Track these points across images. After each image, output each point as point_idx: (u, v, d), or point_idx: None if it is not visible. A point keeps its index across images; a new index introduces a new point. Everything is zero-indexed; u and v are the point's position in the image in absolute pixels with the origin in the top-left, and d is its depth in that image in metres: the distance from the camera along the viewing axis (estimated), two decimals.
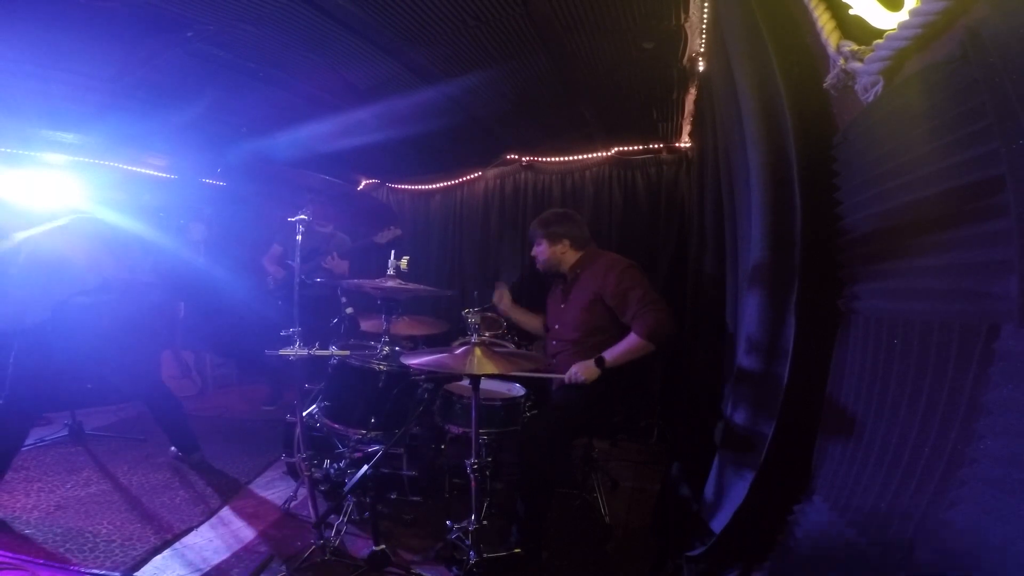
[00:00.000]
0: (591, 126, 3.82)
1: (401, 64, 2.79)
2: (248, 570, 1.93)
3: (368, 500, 2.06)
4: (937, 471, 0.92)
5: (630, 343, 2.18)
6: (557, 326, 2.50)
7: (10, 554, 1.90)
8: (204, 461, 2.90)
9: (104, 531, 2.13)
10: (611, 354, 2.16)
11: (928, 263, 1.01)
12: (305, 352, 2.00)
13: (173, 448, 2.92)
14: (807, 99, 1.36)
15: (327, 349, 2.10)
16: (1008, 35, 0.73)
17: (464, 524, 1.88)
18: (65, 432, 3.18)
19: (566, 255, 2.47)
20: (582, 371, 2.13)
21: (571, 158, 4.41)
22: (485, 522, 1.90)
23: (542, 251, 2.49)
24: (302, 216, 2.09)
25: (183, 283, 4.50)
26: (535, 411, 2.31)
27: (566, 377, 2.15)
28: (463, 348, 1.82)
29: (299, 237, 2.15)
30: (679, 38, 2.45)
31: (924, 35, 0.87)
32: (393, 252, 2.27)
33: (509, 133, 4.05)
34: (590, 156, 4.34)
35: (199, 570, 1.93)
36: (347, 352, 2.19)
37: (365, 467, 1.99)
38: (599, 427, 2.55)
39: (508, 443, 2.27)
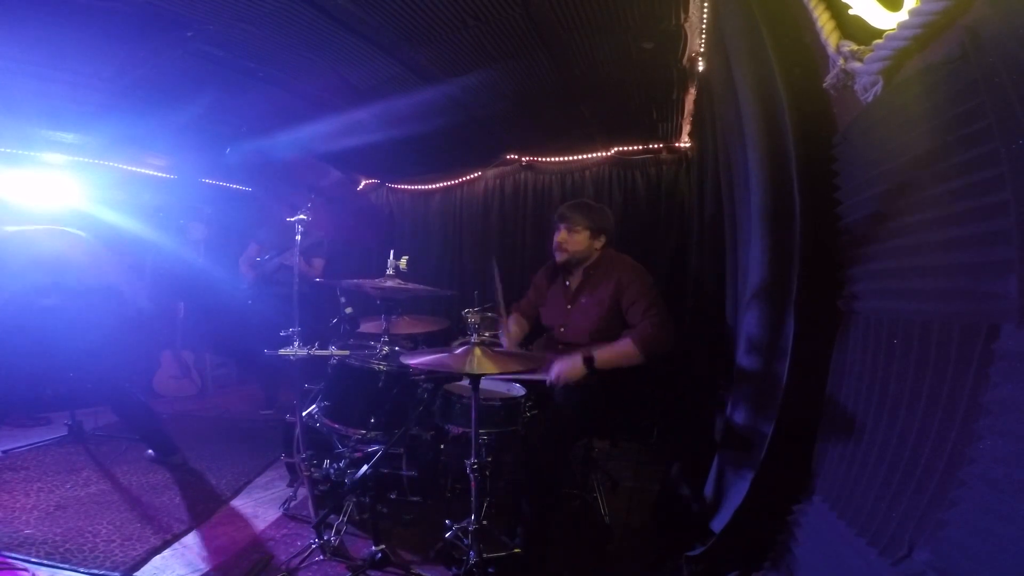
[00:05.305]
0: (591, 126, 3.82)
1: (401, 64, 2.78)
2: (248, 570, 1.92)
3: (368, 500, 2.06)
4: (937, 471, 0.92)
5: (619, 347, 2.10)
6: (563, 328, 2.40)
7: (10, 554, 1.90)
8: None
9: (104, 531, 2.12)
10: (601, 355, 2.07)
11: (928, 263, 1.01)
12: (305, 352, 1.99)
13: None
14: (807, 99, 1.36)
15: (326, 349, 2.10)
16: (1008, 35, 0.73)
17: (464, 524, 1.88)
18: (65, 432, 3.17)
19: (594, 252, 2.33)
20: (567, 370, 2.03)
21: (571, 158, 4.40)
22: (485, 522, 1.90)
23: (578, 241, 2.28)
24: (301, 216, 2.09)
25: (182, 283, 4.52)
26: (535, 411, 2.30)
27: (548, 378, 2.04)
28: (463, 348, 1.82)
29: (298, 237, 2.15)
30: (679, 38, 2.45)
31: (924, 35, 0.87)
32: (393, 252, 2.26)
33: (509, 133, 4.05)
34: (590, 156, 4.33)
35: (199, 570, 1.93)
36: (347, 352, 2.19)
37: (365, 467, 1.99)
38: (599, 427, 2.54)
39: (508, 443, 2.26)
